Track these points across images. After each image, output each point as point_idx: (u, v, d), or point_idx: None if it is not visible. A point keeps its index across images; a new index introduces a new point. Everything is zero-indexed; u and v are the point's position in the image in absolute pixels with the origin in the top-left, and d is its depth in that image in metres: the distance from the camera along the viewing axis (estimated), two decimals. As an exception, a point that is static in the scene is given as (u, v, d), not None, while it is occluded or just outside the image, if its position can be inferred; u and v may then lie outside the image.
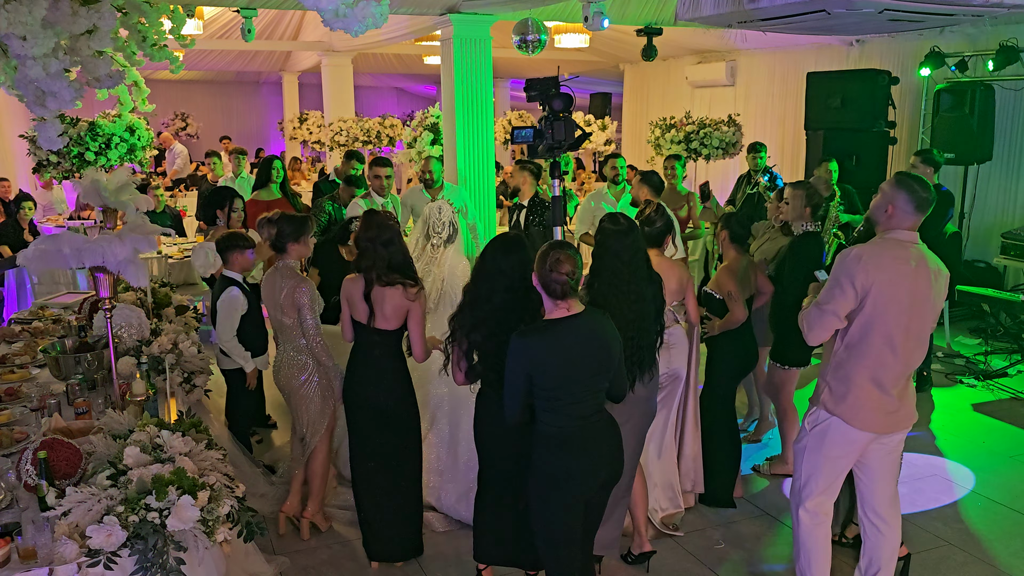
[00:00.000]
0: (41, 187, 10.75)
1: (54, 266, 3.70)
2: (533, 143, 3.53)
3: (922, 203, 3.18)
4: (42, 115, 3.70)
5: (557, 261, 2.94)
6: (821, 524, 3.45)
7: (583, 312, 3.02)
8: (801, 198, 4.74)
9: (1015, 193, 8.39)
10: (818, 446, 3.37)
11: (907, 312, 3.18)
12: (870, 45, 9.70)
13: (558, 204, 3.57)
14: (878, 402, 3.26)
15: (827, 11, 5.62)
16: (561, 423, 3.01)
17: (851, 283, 3.15)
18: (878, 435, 3.32)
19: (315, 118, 15.10)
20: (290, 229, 4.19)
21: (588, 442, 3.04)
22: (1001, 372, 6.74)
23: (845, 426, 3.28)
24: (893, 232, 3.22)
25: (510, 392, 3.03)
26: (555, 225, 3.54)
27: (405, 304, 3.79)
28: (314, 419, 4.19)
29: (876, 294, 3.14)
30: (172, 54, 4.62)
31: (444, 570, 4.05)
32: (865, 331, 3.20)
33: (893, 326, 3.18)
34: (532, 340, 2.99)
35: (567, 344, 2.96)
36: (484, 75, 7.80)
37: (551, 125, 3.44)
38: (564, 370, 2.96)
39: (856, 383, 3.25)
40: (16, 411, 3.75)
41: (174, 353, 4.25)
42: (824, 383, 3.37)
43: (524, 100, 15.02)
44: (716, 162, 9.81)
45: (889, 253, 3.18)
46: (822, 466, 3.38)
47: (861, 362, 3.23)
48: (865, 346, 3.21)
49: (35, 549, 2.56)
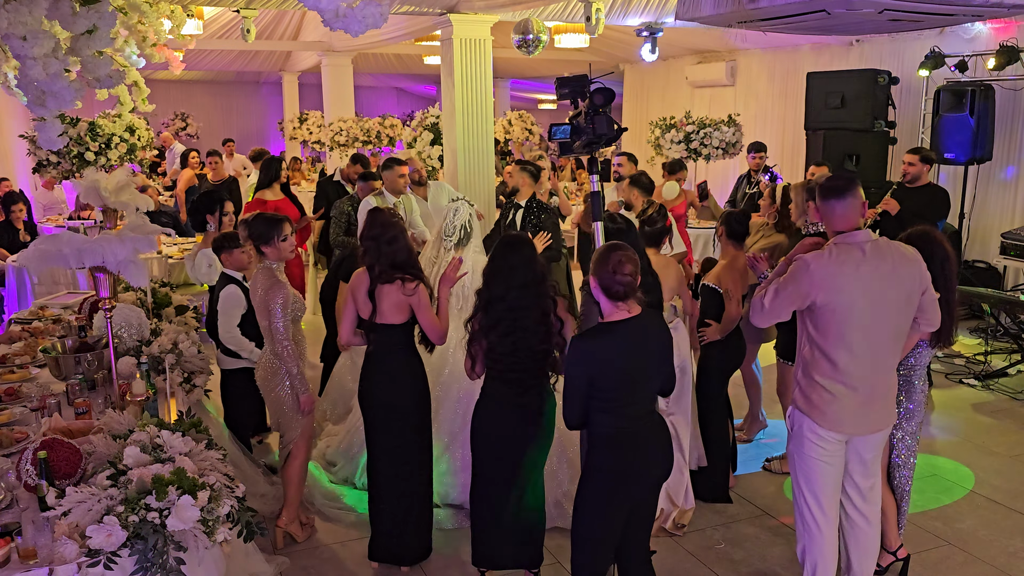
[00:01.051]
0: (43, 186, 10.75)
1: (54, 266, 3.71)
2: (570, 139, 3.50)
3: (829, 192, 3.17)
4: (42, 115, 3.70)
5: (620, 262, 2.94)
6: (827, 525, 3.39)
7: (641, 313, 3.03)
8: (801, 195, 4.75)
9: (1015, 193, 8.39)
10: (798, 447, 3.35)
11: (865, 313, 3.13)
12: (870, 45, 9.70)
13: (597, 199, 3.55)
14: (845, 402, 3.21)
15: (827, 11, 5.62)
16: (619, 424, 3.01)
17: (795, 281, 3.16)
18: (851, 436, 3.28)
19: (315, 118, 15.11)
20: (258, 231, 4.03)
21: (644, 441, 3.05)
22: (1001, 372, 6.74)
23: (816, 426, 3.26)
24: (838, 236, 3.20)
25: (571, 395, 3.01)
26: (595, 221, 3.52)
27: (403, 300, 3.76)
28: (287, 422, 4.11)
29: (826, 300, 3.12)
30: (172, 54, 4.62)
31: (444, 571, 4.05)
32: (824, 333, 3.18)
33: (850, 328, 3.14)
34: (595, 343, 2.99)
35: (628, 346, 2.97)
36: (484, 75, 7.81)
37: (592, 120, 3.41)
38: (625, 372, 2.97)
39: (820, 383, 3.23)
40: (16, 411, 3.75)
41: (174, 353, 4.26)
42: (796, 383, 3.37)
43: (524, 100, 15.00)
44: (716, 162, 9.81)
45: (837, 259, 3.14)
46: (808, 467, 3.34)
47: (823, 363, 3.21)
48: (826, 347, 3.19)
49: (35, 549, 2.56)
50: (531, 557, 3.76)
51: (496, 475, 3.60)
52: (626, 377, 2.97)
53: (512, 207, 6.24)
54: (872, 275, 3.13)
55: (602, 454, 3.04)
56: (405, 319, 3.82)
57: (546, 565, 3.90)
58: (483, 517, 3.70)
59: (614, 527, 3.10)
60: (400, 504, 3.93)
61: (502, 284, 3.41)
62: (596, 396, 2.99)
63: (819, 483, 3.33)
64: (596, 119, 3.40)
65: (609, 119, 3.41)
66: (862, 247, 3.15)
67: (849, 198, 3.16)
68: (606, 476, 3.04)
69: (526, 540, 3.73)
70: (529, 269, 3.41)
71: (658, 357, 3.06)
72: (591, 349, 2.98)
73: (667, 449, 3.15)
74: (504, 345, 3.40)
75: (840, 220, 3.19)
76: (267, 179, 6.75)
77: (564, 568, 4.00)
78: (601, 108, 3.41)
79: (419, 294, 3.76)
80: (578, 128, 3.46)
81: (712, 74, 12.10)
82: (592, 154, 3.56)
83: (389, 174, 6.01)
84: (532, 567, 3.79)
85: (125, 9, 4.62)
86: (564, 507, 4.25)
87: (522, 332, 3.39)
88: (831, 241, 3.22)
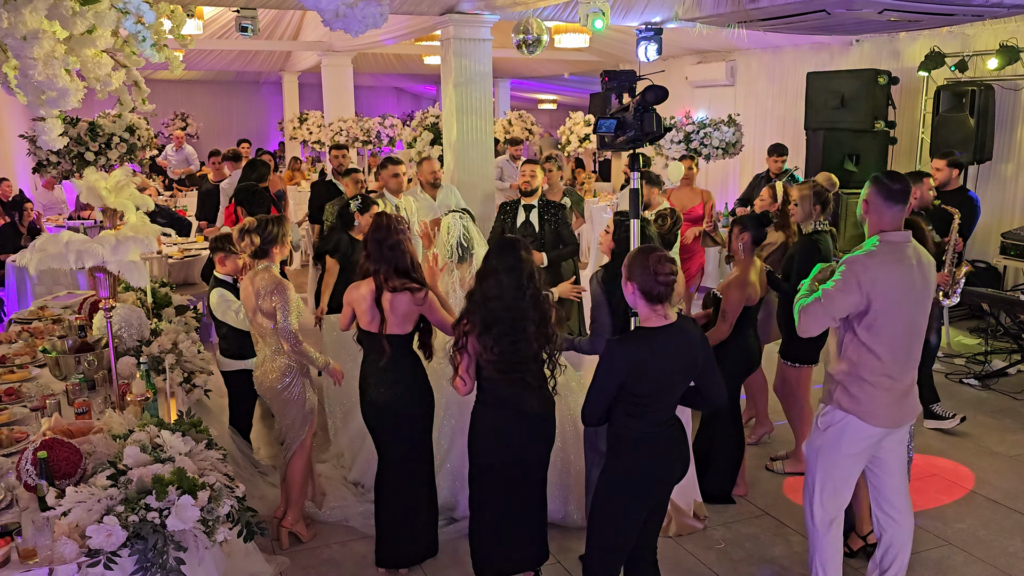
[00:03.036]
0: (43, 186, 10.75)
1: (54, 266, 3.71)
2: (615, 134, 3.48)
3: (892, 194, 3.28)
4: (42, 115, 3.70)
5: (658, 261, 2.93)
6: (836, 524, 3.51)
7: (677, 320, 3.02)
8: (809, 198, 4.73)
9: (1015, 193, 8.39)
10: (835, 445, 3.43)
11: (910, 310, 3.30)
12: (870, 45, 9.70)
13: (636, 197, 3.53)
14: (891, 397, 3.35)
15: (827, 11, 5.63)
16: (644, 428, 3.01)
17: (858, 286, 3.23)
18: (892, 429, 3.40)
19: (315, 118, 15.11)
20: (274, 233, 4.09)
21: (666, 446, 3.06)
22: (1001, 372, 6.74)
23: (862, 424, 3.36)
24: (885, 235, 3.30)
25: (598, 396, 3.00)
26: (633, 219, 3.51)
27: (415, 310, 3.77)
28: (294, 424, 4.12)
29: (882, 297, 3.23)
30: (172, 54, 4.61)
31: (444, 571, 4.05)
32: (876, 332, 3.28)
33: (900, 325, 3.28)
34: (633, 347, 2.97)
35: (665, 353, 2.96)
36: (484, 75, 7.81)
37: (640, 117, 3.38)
38: (658, 378, 2.96)
39: (871, 382, 3.33)
40: (16, 411, 3.75)
41: (174, 353, 4.26)
42: (835, 383, 3.44)
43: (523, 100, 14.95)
44: (716, 162, 9.81)
45: (890, 257, 3.27)
46: (838, 464, 3.44)
47: (874, 361, 3.31)
48: (877, 347, 3.30)
49: (35, 549, 2.56)
50: (534, 557, 3.75)
51: (499, 480, 3.56)
52: (659, 385, 2.97)
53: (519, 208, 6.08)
54: (916, 274, 3.30)
55: (625, 458, 3.04)
56: (412, 328, 3.83)
57: (546, 565, 3.89)
58: (485, 525, 3.66)
59: (632, 532, 3.10)
60: (409, 509, 3.94)
61: (496, 284, 3.36)
62: (626, 399, 2.98)
63: (842, 480, 3.45)
64: (645, 116, 3.36)
65: (658, 117, 3.39)
66: (905, 247, 3.31)
67: (904, 204, 3.32)
68: (625, 480, 3.04)
69: (532, 540, 3.72)
70: (524, 271, 3.37)
71: (690, 365, 3.03)
72: (628, 352, 2.96)
73: (685, 452, 3.17)
74: (503, 344, 3.35)
75: (891, 221, 3.32)
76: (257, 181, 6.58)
77: (563, 568, 4.00)
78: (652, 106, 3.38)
79: (429, 301, 3.77)
80: (624, 123, 3.43)
81: (712, 74, 12.09)
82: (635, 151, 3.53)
83: (384, 173, 6.04)
84: (536, 566, 3.79)
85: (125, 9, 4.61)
86: (558, 502, 4.25)
87: (520, 333, 3.36)
88: (879, 239, 3.31)
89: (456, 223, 4.59)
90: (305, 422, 4.15)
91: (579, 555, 3.87)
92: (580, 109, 13.24)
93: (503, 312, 3.34)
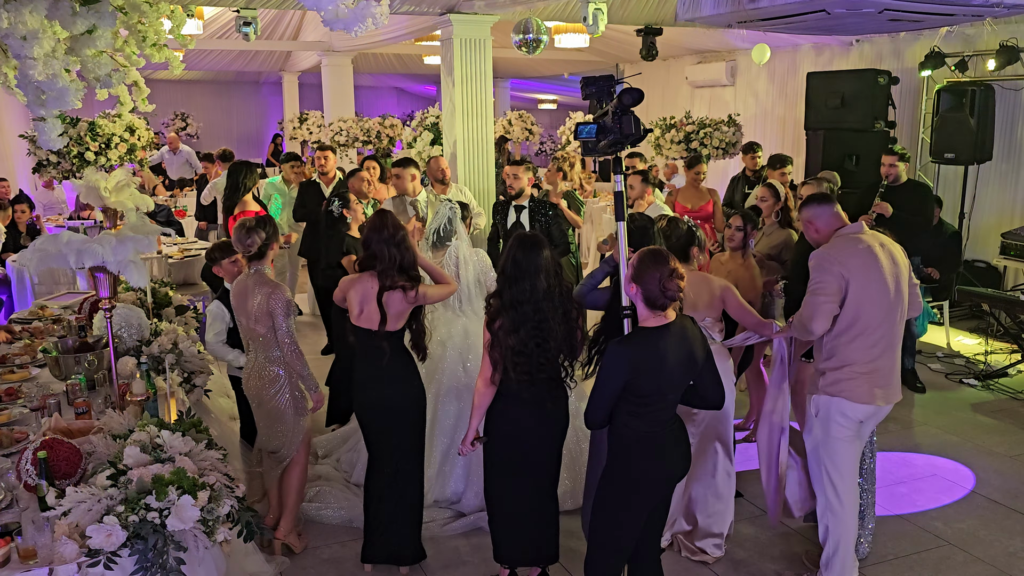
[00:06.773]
0: (43, 186, 10.75)
1: (54, 266, 3.70)
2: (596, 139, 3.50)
3: (820, 200, 3.72)
4: (42, 115, 3.69)
5: (670, 277, 2.92)
6: (852, 501, 3.66)
7: (676, 319, 3.03)
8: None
9: (1015, 193, 8.38)
10: (825, 431, 3.62)
11: (882, 290, 3.52)
12: (870, 45, 9.70)
13: (621, 199, 3.55)
14: (874, 376, 3.55)
15: (827, 11, 5.62)
16: (646, 428, 3.01)
17: (830, 268, 3.50)
18: (877, 408, 3.58)
19: (315, 118, 15.10)
20: (270, 232, 4.06)
21: (668, 445, 3.06)
22: (1001, 372, 6.74)
23: (846, 403, 3.55)
24: (838, 232, 3.63)
25: (602, 397, 3.00)
26: (619, 221, 3.53)
27: (406, 307, 3.79)
28: (288, 432, 4.03)
29: (855, 279, 3.48)
30: (172, 54, 4.61)
31: (444, 571, 4.04)
32: (854, 314, 3.51)
33: (874, 304, 3.51)
34: (635, 348, 2.98)
35: (666, 351, 2.96)
36: (484, 75, 7.80)
37: (619, 120, 3.40)
38: (660, 377, 2.97)
39: (852, 361, 3.54)
40: (16, 411, 3.75)
41: (174, 353, 4.25)
42: (819, 373, 3.65)
43: (524, 100, 15.00)
44: (716, 162, 9.81)
45: (848, 243, 3.57)
46: (832, 449, 3.61)
47: (853, 343, 3.53)
48: (855, 328, 3.52)
49: (35, 549, 2.56)
50: (549, 556, 3.77)
51: (520, 475, 3.60)
52: (661, 384, 2.97)
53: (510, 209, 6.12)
54: (879, 255, 3.54)
55: (627, 458, 3.04)
56: (403, 324, 3.85)
57: (546, 565, 3.90)
58: (507, 518, 3.69)
59: (635, 531, 3.11)
60: (399, 505, 3.94)
61: (528, 285, 3.40)
62: (629, 400, 2.98)
63: (845, 461, 3.63)
64: (623, 119, 3.38)
65: (636, 119, 3.41)
66: (859, 234, 3.61)
67: (830, 204, 3.72)
68: (627, 480, 3.04)
69: (547, 537, 3.75)
70: (551, 269, 3.45)
71: (691, 364, 3.04)
72: (631, 353, 2.96)
73: (687, 451, 3.18)
74: (531, 344, 3.39)
75: (834, 219, 3.69)
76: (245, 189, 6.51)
77: (564, 568, 3.99)
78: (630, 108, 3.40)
79: (420, 295, 3.80)
80: (604, 127, 3.45)
81: (712, 74, 12.09)
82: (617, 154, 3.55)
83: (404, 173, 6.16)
84: (549, 564, 3.81)
85: (125, 9, 4.61)
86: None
87: (547, 331, 3.41)
88: (835, 235, 3.64)
89: (443, 211, 4.65)
90: (299, 429, 4.04)
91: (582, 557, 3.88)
92: (580, 109, 13.25)
93: (533, 313, 3.40)
